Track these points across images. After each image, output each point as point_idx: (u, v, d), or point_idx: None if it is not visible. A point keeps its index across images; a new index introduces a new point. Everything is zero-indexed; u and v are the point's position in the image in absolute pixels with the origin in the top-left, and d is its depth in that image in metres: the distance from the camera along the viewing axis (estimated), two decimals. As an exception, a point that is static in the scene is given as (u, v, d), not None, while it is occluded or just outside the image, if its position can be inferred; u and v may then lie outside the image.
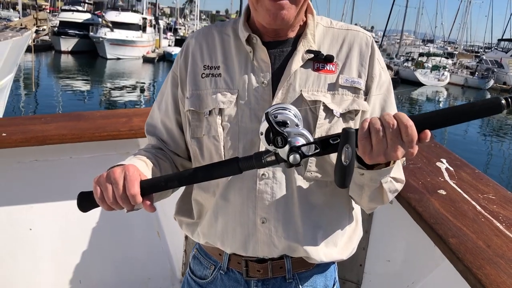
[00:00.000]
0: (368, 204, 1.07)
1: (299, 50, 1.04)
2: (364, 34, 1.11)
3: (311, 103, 1.01)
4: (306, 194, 1.05)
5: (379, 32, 63.73)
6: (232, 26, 1.14)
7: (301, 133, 0.85)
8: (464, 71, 38.19)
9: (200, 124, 1.08)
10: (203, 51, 1.12)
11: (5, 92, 9.35)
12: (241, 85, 1.05)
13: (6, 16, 34.85)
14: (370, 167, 0.93)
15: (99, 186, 0.92)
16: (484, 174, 1.83)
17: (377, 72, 1.07)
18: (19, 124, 2.05)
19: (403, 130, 0.81)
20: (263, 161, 0.89)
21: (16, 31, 9.44)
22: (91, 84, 23.45)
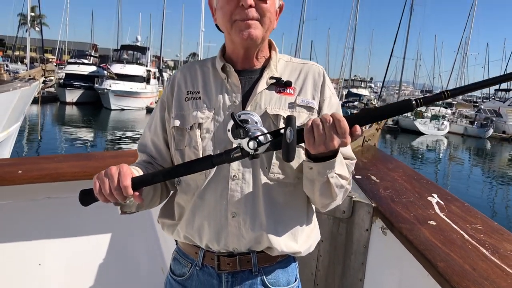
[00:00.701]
0: (320, 199, 1.25)
1: (264, 76, 1.30)
2: (317, 66, 1.38)
3: (273, 117, 1.25)
4: (269, 192, 1.26)
5: (378, 83, 65.01)
6: (211, 60, 1.40)
7: (259, 128, 1.09)
8: (463, 120, 38.58)
9: (182, 138, 1.30)
10: (187, 80, 1.37)
11: (11, 140, 9.55)
12: (217, 104, 1.29)
13: (15, 69, 35.79)
14: (316, 161, 1.14)
15: (98, 180, 1.11)
16: (473, 208, 1.93)
17: (328, 96, 1.32)
18: (34, 163, 2.18)
19: (337, 124, 1.03)
20: (231, 156, 1.10)
21: (24, 82, 9.76)
22: (95, 134, 23.77)
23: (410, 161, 23.22)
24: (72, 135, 22.32)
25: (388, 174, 2.38)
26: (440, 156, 27.04)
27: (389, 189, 2.11)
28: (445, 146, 31.40)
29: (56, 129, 24.28)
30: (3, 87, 8.25)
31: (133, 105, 34.12)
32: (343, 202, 2.00)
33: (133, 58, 39.49)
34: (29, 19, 44.43)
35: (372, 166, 2.53)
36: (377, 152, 2.98)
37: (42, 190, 2.18)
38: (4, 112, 8.29)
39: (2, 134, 8.57)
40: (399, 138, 32.54)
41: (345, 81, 53.94)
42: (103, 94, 33.11)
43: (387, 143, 30.26)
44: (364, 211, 1.98)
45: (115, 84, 33.13)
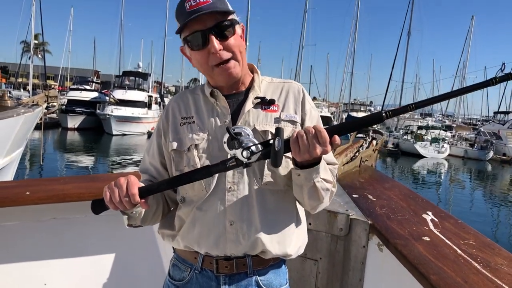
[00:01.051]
0: (309, 202, 1.37)
1: (250, 97, 1.44)
2: (296, 84, 1.53)
3: (262, 133, 1.38)
4: (262, 200, 1.38)
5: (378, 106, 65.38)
6: (200, 88, 1.54)
7: (251, 139, 1.22)
8: (463, 143, 38.69)
9: (181, 160, 1.43)
10: (180, 107, 1.51)
11: (14, 165, 9.60)
12: (210, 125, 1.42)
13: (17, 95, 36.07)
14: (303, 168, 1.26)
15: (108, 190, 1.23)
16: (466, 224, 1.99)
17: (308, 110, 1.47)
18: (41, 184, 2.26)
19: (318, 135, 1.17)
20: (227, 165, 1.22)
21: (28, 108, 9.89)
22: (96, 159, 23.84)
23: (411, 184, 23.19)
24: (73, 160, 22.39)
25: (384, 193, 2.45)
26: (441, 179, 27.00)
27: (385, 207, 2.18)
28: (446, 169, 31.37)
29: (57, 155, 24.37)
30: (7, 113, 8.36)
31: (134, 130, 34.29)
32: (341, 220, 2.07)
33: (135, 84, 39.88)
34: (32, 47, 45.10)
35: (369, 186, 2.60)
36: (374, 172, 3.05)
37: (48, 211, 2.25)
38: (8, 137, 8.37)
39: (5, 159, 8.64)
40: (400, 161, 32.54)
41: (344, 105, 54.23)
42: (105, 120, 33.32)
43: (388, 167, 30.26)
44: (361, 228, 2.04)
45: (116, 110, 33.38)
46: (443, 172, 29.85)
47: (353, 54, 51.19)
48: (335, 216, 2.08)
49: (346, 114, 48.94)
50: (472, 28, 56.15)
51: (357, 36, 50.60)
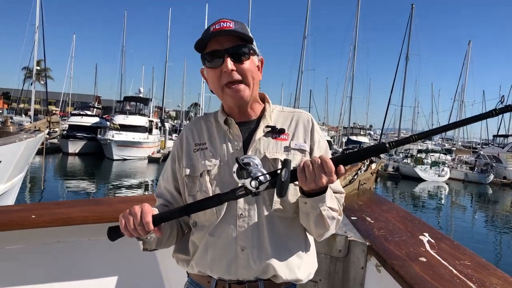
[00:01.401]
0: (315, 230, 1.43)
1: (261, 125, 1.50)
2: (306, 114, 1.59)
3: (272, 160, 1.44)
4: (272, 226, 1.43)
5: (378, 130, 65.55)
6: (213, 115, 1.60)
7: (259, 170, 1.27)
8: (463, 166, 38.69)
9: (194, 185, 1.48)
10: (194, 134, 1.57)
11: (15, 190, 9.63)
12: (222, 152, 1.48)
13: (19, 121, 36.28)
14: (310, 197, 1.32)
15: (123, 218, 1.29)
16: (462, 245, 2.03)
17: (317, 139, 1.53)
18: (46, 208, 2.31)
19: (324, 165, 1.23)
20: (236, 194, 1.27)
21: (30, 133, 9.97)
22: (97, 184, 23.83)
23: (412, 207, 23.12)
24: (74, 185, 22.39)
25: (382, 215, 2.49)
26: (442, 202, 26.92)
27: (383, 229, 2.22)
28: (447, 193, 31.30)
29: (58, 179, 24.38)
30: (10, 139, 8.44)
31: (135, 155, 34.37)
32: (339, 242, 2.11)
33: (136, 109, 40.14)
34: (35, 73, 45.49)
35: (367, 208, 2.65)
36: (372, 195, 3.10)
37: (53, 234, 2.29)
38: (10, 163, 8.43)
39: (7, 185, 8.68)
40: (400, 185, 32.50)
41: (344, 129, 54.41)
42: (106, 145, 33.43)
43: (389, 190, 30.22)
44: (359, 250, 2.09)
45: (117, 135, 33.52)
46: (444, 196, 29.77)
47: (352, 79, 51.64)
48: (334, 238, 2.12)
49: (346, 138, 49.12)
50: (470, 53, 56.95)
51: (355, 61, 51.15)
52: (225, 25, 1.41)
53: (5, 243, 2.23)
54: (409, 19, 46.29)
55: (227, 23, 1.42)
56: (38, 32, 42.26)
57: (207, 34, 1.41)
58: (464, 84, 57.98)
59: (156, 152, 37.65)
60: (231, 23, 1.42)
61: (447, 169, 35.81)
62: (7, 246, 2.25)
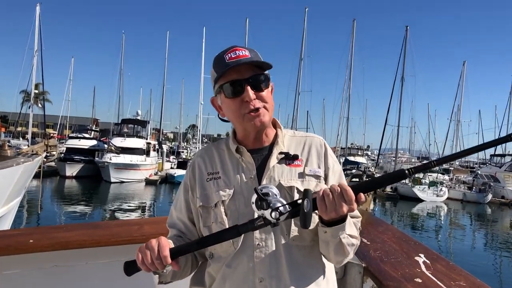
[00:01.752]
0: (335, 257, 1.41)
1: (274, 152, 1.48)
2: (318, 138, 1.58)
3: (288, 188, 1.42)
4: (290, 255, 1.39)
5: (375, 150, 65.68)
6: (225, 142, 1.59)
7: (278, 200, 1.25)
8: (461, 186, 38.72)
9: (208, 216, 1.46)
10: (206, 163, 1.55)
11: (11, 214, 9.58)
12: (236, 182, 1.46)
13: (16, 144, 36.23)
14: (329, 226, 1.30)
15: (140, 252, 1.28)
16: (457, 266, 2.04)
17: (331, 164, 1.52)
18: (44, 232, 2.31)
19: (344, 193, 1.22)
20: (255, 225, 1.25)
21: (27, 157, 9.97)
22: (94, 207, 23.73)
23: (411, 229, 23.05)
24: (71, 208, 22.28)
25: (378, 236, 2.50)
26: (441, 222, 26.87)
27: (379, 250, 2.23)
28: (445, 212, 31.25)
29: (55, 203, 24.28)
30: (7, 163, 8.43)
31: (132, 178, 34.32)
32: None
33: (134, 131, 40.24)
34: (33, 96, 45.66)
35: (364, 229, 2.65)
36: (369, 216, 3.11)
37: (50, 258, 2.28)
38: (7, 187, 8.41)
39: (4, 209, 8.63)
40: (399, 205, 32.45)
41: (342, 149, 54.46)
42: (103, 167, 33.41)
43: (387, 211, 30.15)
44: (356, 271, 2.09)
45: (115, 157, 33.53)
46: (442, 216, 29.73)
47: (348, 100, 51.97)
48: (330, 259, 2.13)
49: (344, 159, 49.12)
50: (465, 73, 57.52)
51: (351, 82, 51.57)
52: (241, 54, 1.40)
53: (1, 269, 2.23)
54: (403, 40, 46.96)
55: (242, 51, 1.41)
56: (37, 56, 42.72)
57: (225, 64, 1.39)
58: (460, 104, 58.44)
59: (153, 174, 37.60)
60: (246, 51, 1.42)
61: (445, 189, 35.84)
62: (4, 271, 2.24)
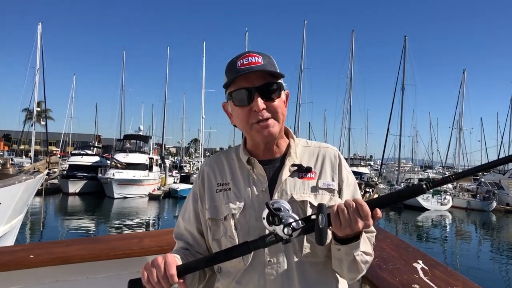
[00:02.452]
0: (348, 275, 1.37)
1: (286, 164, 1.42)
2: (332, 149, 1.51)
3: (300, 203, 1.37)
4: (303, 272, 1.35)
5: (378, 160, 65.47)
6: (234, 152, 1.54)
7: (291, 215, 1.20)
8: (465, 194, 38.51)
9: (218, 228, 1.41)
10: (215, 172, 1.50)
11: (14, 232, 9.58)
12: (247, 194, 1.41)
13: (19, 162, 36.38)
14: (343, 243, 1.26)
15: (146, 271, 1.21)
16: (455, 271, 2.05)
17: (345, 176, 1.46)
18: (44, 247, 2.33)
19: (360, 209, 1.16)
20: (266, 241, 1.21)
21: (29, 174, 10.00)
22: (97, 223, 23.69)
23: (416, 238, 22.92)
24: (74, 225, 22.25)
25: (377, 244, 2.49)
26: (447, 231, 26.68)
27: (377, 257, 2.24)
28: (450, 221, 31.05)
29: (58, 220, 24.24)
30: (9, 181, 8.47)
31: (136, 193, 34.25)
32: (334, 272, 2.12)
33: (136, 147, 40.31)
34: (35, 114, 45.90)
35: (363, 238, 2.67)
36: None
37: (50, 273, 2.30)
38: (9, 205, 8.43)
39: (6, 226, 8.64)
40: (403, 214, 32.26)
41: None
42: (106, 183, 33.37)
43: (392, 221, 29.99)
44: None
45: (118, 173, 33.51)
46: (447, 225, 29.54)
47: (349, 110, 52.15)
48: (329, 268, 2.14)
49: (347, 169, 48.90)
50: (465, 80, 57.54)
51: (352, 93, 51.71)
52: (253, 60, 1.35)
53: (3, 285, 2.24)
54: (402, 50, 47.19)
55: (255, 58, 1.35)
56: (39, 74, 43.08)
57: (235, 70, 1.35)
58: (461, 112, 58.38)
59: (156, 189, 37.54)
60: (259, 57, 1.36)
61: (449, 197, 35.65)
62: (6, 287, 2.25)
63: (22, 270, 2.18)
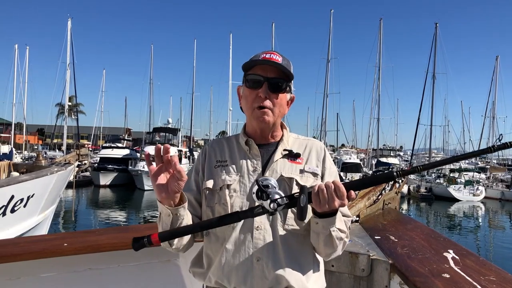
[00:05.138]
0: (324, 249, 1.52)
1: (279, 149, 1.65)
2: (319, 142, 1.75)
3: (288, 180, 1.57)
4: (286, 240, 1.52)
5: (408, 151, 64.43)
6: (234, 137, 1.76)
7: (277, 192, 1.37)
8: (499, 184, 37.57)
9: (213, 197, 1.60)
10: (216, 151, 1.71)
11: (47, 222, 9.88)
12: (242, 169, 1.61)
13: (52, 155, 37.32)
14: (321, 217, 1.42)
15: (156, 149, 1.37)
16: (488, 261, 2.01)
17: (328, 165, 1.67)
18: (77, 236, 2.40)
19: (337, 189, 1.34)
20: (254, 212, 1.38)
21: (61, 166, 10.29)
22: (128, 214, 24.13)
23: (447, 230, 22.51)
24: (105, 216, 22.73)
25: (407, 233, 2.48)
26: (479, 223, 26.09)
27: (407, 247, 2.22)
28: (483, 212, 30.35)
29: (90, 211, 24.80)
30: (42, 172, 8.73)
31: (165, 185, 34.61)
32: (362, 261, 2.12)
33: (165, 139, 40.77)
34: (66, 108, 46.94)
35: (392, 227, 2.64)
36: (398, 215, 3.09)
37: (83, 261, 2.36)
38: (42, 195, 8.69)
39: (40, 216, 8.91)
40: (434, 206, 31.72)
41: (373, 151, 53.68)
42: (137, 176, 33.91)
43: (422, 212, 29.56)
44: (382, 268, 2.08)
45: (148, 165, 33.92)
46: (480, 216, 28.88)
47: (378, 100, 51.28)
48: (357, 257, 2.13)
49: (376, 160, 48.41)
50: (498, 67, 55.86)
51: (381, 83, 50.87)
52: (274, 57, 1.58)
53: (40, 271, 2.32)
54: (433, 38, 46.02)
55: (276, 56, 1.59)
56: (70, 69, 43.90)
57: (257, 59, 1.59)
58: (495, 100, 56.74)
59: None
60: (280, 57, 1.60)
61: (482, 187, 34.82)
62: (42, 274, 2.33)
63: (56, 258, 2.25)
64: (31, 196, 8.10)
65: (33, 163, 11.89)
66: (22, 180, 7.90)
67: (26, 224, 8.32)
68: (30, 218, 8.43)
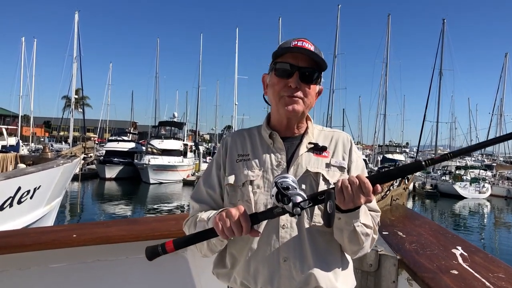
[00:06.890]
0: (349, 246, 1.45)
1: (304, 142, 1.56)
2: (345, 134, 1.66)
3: (314, 174, 1.49)
4: (313, 238, 1.45)
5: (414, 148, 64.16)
6: (256, 129, 1.67)
7: (298, 193, 1.25)
8: (505, 182, 37.38)
9: (235, 194, 1.52)
10: (237, 144, 1.62)
11: (53, 214, 9.95)
12: (266, 164, 1.53)
13: (58, 148, 37.43)
14: (344, 212, 1.34)
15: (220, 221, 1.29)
16: (496, 258, 2.00)
17: (355, 158, 1.59)
18: (86, 228, 2.41)
19: (362, 185, 1.26)
20: (274, 213, 1.29)
21: (67, 159, 10.35)
22: (134, 207, 24.25)
23: (453, 226, 22.45)
24: (111, 209, 22.84)
25: (415, 229, 2.48)
26: (485, 220, 26.02)
27: (415, 243, 2.21)
28: (489, 210, 30.24)
29: (95, 203, 24.97)
30: (48, 164, 8.79)
31: (171, 179, 34.83)
32: (370, 256, 2.12)
33: (171, 133, 40.89)
34: (73, 102, 47.13)
35: (399, 223, 2.64)
36: (405, 210, 3.08)
37: (92, 252, 2.38)
38: (49, 187, 8.75)
39: (46, 208, 8.98)
40: (439, 203, 31.64)
41: (379, 147, 53.54)
42: (142, 169, 34.05)
43: (428, 209, 29.50)
44: (390, 264, 2.08)
45: (153, 159, 34.13)
46: (486, 213, 28.78)
47: (384, 96, 51.12)
48: (364, 252, 2.13)
49: (381, 156, 48.28)
50: (507, 64, 55.44)
51: (388, 78, 50.65)
52: (306, 45, 1.48)
53: (49, 262, 2.34)
54: (440, 34, 45.84)
55: (308, 44, 1.49)
56: (76, 62, 44.12)
57: (288, 46, 1.48)
58: (503, 97, 56.40)
59: (191, 175, 38.03)
60: (312, 45, 1.50)
61: (488, 185, 34.69)
62: (51, 264, 2.35)
63: (65, 249, 2.26)
64: (38, 188, 8.16)
65: (40, 156, 11.97)
66: (29, 172, 7.97)
67: (32, 215, 8.39)
68: (36, 209, 8.51)
